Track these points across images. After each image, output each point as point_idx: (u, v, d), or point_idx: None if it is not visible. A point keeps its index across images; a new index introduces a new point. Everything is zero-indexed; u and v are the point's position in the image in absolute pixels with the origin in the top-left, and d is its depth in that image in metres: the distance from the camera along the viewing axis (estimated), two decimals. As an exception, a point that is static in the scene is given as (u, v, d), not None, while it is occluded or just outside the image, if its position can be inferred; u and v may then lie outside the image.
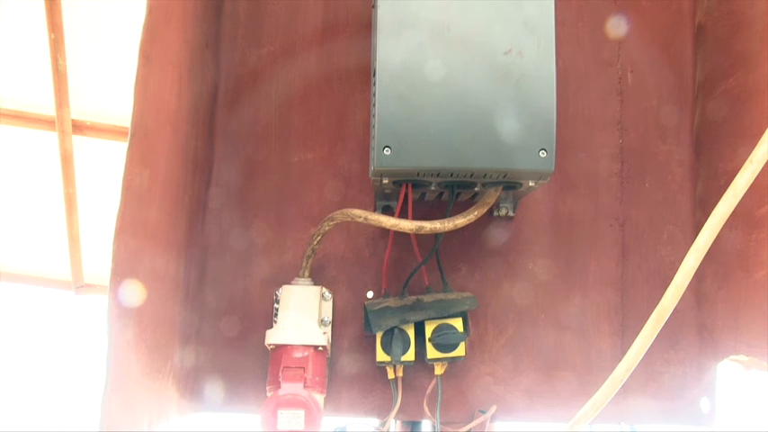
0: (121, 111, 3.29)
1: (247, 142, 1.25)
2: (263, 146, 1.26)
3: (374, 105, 1.02)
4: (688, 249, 1.23)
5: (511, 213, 1.24)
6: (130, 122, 0.90)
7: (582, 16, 1.31)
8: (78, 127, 3.29)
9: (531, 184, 1.06)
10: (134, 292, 0.88)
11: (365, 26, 1.27)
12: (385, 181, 1.05)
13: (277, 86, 1.28)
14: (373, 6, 1.07)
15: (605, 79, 1.30)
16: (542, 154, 1.00)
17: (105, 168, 3.43)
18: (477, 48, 1.00)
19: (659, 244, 1.27)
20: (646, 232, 1.27)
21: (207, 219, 1.23)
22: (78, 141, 3.34)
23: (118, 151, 3.31)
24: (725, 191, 0.88)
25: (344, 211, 1.11)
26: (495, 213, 1.24)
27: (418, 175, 1.03)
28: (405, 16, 1.01)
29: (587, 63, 1.31)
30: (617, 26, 1.32)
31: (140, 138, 0.89)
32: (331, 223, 1.14)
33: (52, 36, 2.88)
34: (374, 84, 1.03)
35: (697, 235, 1.24)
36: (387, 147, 0.99)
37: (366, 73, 1.27)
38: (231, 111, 1.26)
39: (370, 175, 1.05)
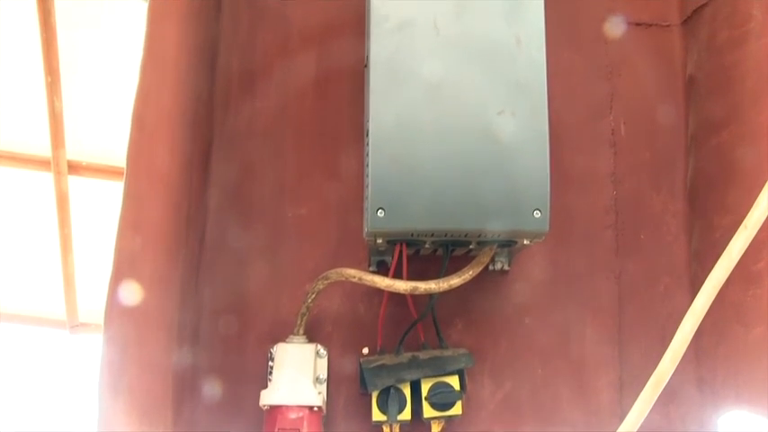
0: (117, 150, 3.30)
1: (242, 197, 1.25)
2: (257, 200, 1.26)
3: (367, 165, 1.02)
4: (685, 301, 1.24)
5: (506, 267, 1.23)
6: (123, 187, 0.90)
7: (574, 68, 1.32)
8: (74, 167, 3.30)
9: (525, 242, 1.05)
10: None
11: (359, 81, 1.27)
12: (379, 241, 1.04)
13: (271, 141, 1.28)
14: (366, 65, 1.07)
15: (598, 131, 1.31)
16: (536, 214, 1.00)
17: (101, 208, 3.43)
18: (470, 108, 1.01)
19: (656, 296, 1.26)
20: (642, 285, 1.26)
21: (201, 277, 1.22)
22: (74, 181, 3.34)
23: (114, 191, 3.31)
24: (720, 244, 0.87)
25: (339, 270, 1.10)
26: (491, 267, 1.23)
27: (412, 235, 1.02)
28: (397, 76, 1.02)
29: (580, 115, 1.31)
30: (609, 78, 1.33)
31: (132, 203, 0.89)
32: (325, 282, 1.13)
33: (49, 79, 2.90)
34: (367, 144, 1.03)
35: (693, 287, 1.26)
36: (380, 208, 0.99)
37: (359, 127, 1.27)
38: (225, 165, 1.26)
39: (363, 235, 1.04)
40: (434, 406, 1.14)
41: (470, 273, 1.07)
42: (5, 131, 3.22)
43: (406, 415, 1.14)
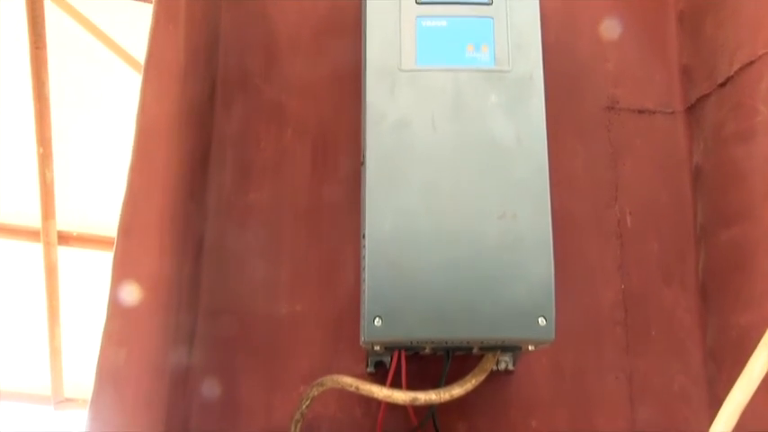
0: (109, 221, 3.30)
1: (234, 295, 1.23)
2: (250, 297, 1.23)
3: (364, 270, 1.00)
4: (701, 403, 1.20)
5: (510, 367, 1.20)
6: (108, 299, 0.88)
7: (577, 157, 1.32)
8: (64, 238, 3.30)
9: (530, 348, 1.03)
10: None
11: (355, 173, 1.27)
12: (376, 348, 1.02)
13: (265, 234, 1.26)
14: (362, 164, 1.07)
15: (604, 222, 1.30)
16: (541, 321, 0.97)
17: (91, 279, 3.41)
18: (470, 211, 1.00)
19: (670, 397, 1.23)
20: (655, 385, 1.23)
21: (189, 385, 1.18)
22: (64, 252, 3.33)
23: (104, 261, 3.29)
24: (738, 344, 0.85)
25: (334, 377, 1.07)
26: (495, 368, 1.20)
27: (411, 343, 1.00)
28: (394, 177, 1.01)
29: (584, 206, 1.30)
30: (613, 166, 1.32)
31: (118, 317, 0.87)
32: (320, 388, 1.10)
33: (41, 150, 2.92)
34: (364, 247, 1.01)
35: (710, 388, 1.22)
36: (377, 317, 0.97)
37: (356, 220, 1.26)
38: (218, 262, 1.24)
39: (360, 342, 1.02)
40: None
41: (473, 381, 1.04)
42: (-5, 202, 3.23)
43: None
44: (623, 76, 1.36)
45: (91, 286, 3.44)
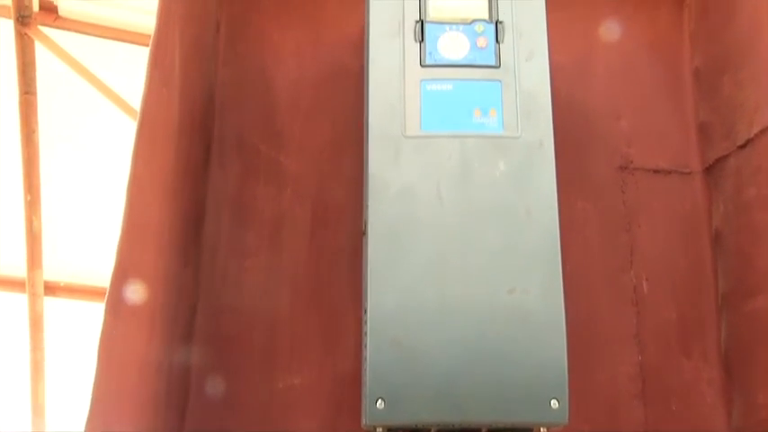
0: (99, 270, 3.29)
1: (228, 368, 1.22)
2: (245, 370, 1.22)
3: (365, 347, 0.99)
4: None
5: (522, 446, 1.18)
6: (92, 387, 0.87)
7: (589, 220, 1.32)
8: (51, 288, 3.29)
9: (543, 430, 1.01)
10: None
11: (357, 237, 1.27)
12: (379, 430, 1.00)
13: (261, 302, 1.26)
14: (364, 233, 1.07)
15: (619, 288, 1.29)
16: (554, 404, 0.96)
17: (78, 331, 3.39)
18: (478, 286, 0.99)
19: (694, 479, 1.21)
20: (677, 465, 1.21)
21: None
22: (50, 303, 3.32)
23: (93, 313, 3.28)
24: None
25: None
26: (505, 446, 1.18)
27: (416, 426, 0.99)
28: (398, 250, 1.01)
29: (597, 270, 1.30)
30: (628, 229, 1.32)
31: (103, 407, 0.86)
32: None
33: (28, 198, 2.94)
34: (365, 323, 1.01)
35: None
36: (380, 398, 0.95)
37: (358, 288, 1.26)
38: (211, 332, 1.23)
39: (362, 425, 1.00)
40: None
41: (482, 465, 1.02)
42: (-23, 251, 3.23)
43: None
44: (637, 134, 1.36)
45: (78, 340, 3.41)
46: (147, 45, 1.03)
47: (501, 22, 1.08)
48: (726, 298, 1.26)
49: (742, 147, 1.22)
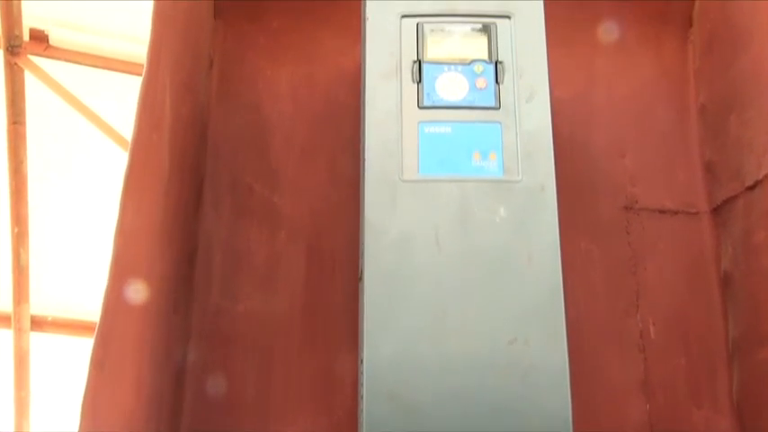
0: (89, 303, 3.27)
1: (220, 420, 1.20)
2: (237, 421, 1.21)
3: (361, 399, 0.98)
4: None
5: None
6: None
7: (593, 261, 1.31)
8: (38, 323, 3.26)
9: (547, 487, 1.00)
10: None
11: (354, 280, 1.26)
12: (375, 488, 0.99)
13: (254, 349, 1.25)
14: (360, 279, 1.06)
15: (625, 333, 1.28)
16: (559, 461, 0.95)
17: (65, 368, 3.36)
18: (477, 337, 0.98)
19: None
20: None
21: None
22: (36, 339, 3.29)
23: (80, 349, 3.26)
24: None
25: None
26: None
27: (415, 485, 0.97)
28: (395, 298, 1.00)
29: (602, 314, 1.29)
30: (633, 271, 1.32)
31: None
32: None
33: (16, 229, 2.92)
34: (361, 373, 0.99)
35: None
36: (376, 457, 0.94)
37: (354, 334, 1.25)
38: (203, 379, 1.22)
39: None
40: None
41: None
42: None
43: None
44: (642, 173, 1.36)
45: (65, 377, 3.38)
46: (140, 74, 1.03)
47: (501, 62, 1.08)
48: (737, 344, 1.25)
49: (751, 188, 1.21)
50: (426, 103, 1.07)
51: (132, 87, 1.13)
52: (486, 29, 1.10)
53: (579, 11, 1.38)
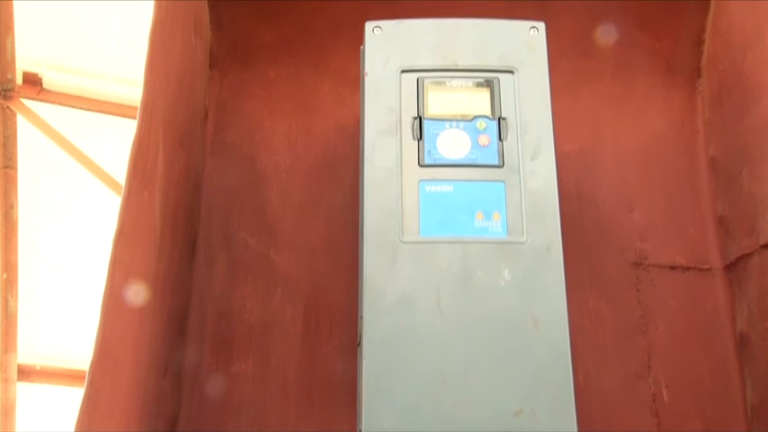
0: (78, 352, 3.25)
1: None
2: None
3: (360, 476, 0.96)
4: None
5: None
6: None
7: (602, 320, 1.30)
8: (25, 373, 3.24)
9: None
10: None
11: (352, 344, 1.25)
12: None
13: (248, 413, 1.23)
14: (358, 344, 1.04)
15: (636, 397, 1.26)
16: None
17: (53, 420, 3.33)
18: (481, 407, 0.96)
19: None
20: None
21: None
22: (24, 389, 3.27)
23: (70, 399, 3.23)
24: None
25: None
26: None
27: None
28: (395, 366, 0.98)
29: (612, 377, 1.27)
30: (644, 331, 1.30)
31: None
32: None
33: (5, 276, 2.92)
34: (360, 446, 0.97)
35: None
36: None
37: (352, 395, 1.23)
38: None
39: None
40: None
41: None
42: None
43: None
44: (651, 228, 1.35)
45: (53, 427, 3.35)
46: (134, 117, 1.02)
47: (504, 119, 1.08)
48: (755, 411, 1.22)
49: (766, 246, 1.20)
50: (427, 161, 1.06)
51: (127, 131, 1.12)
52: (488, 84, 1.10)
53: (584, 61, 1.38)
